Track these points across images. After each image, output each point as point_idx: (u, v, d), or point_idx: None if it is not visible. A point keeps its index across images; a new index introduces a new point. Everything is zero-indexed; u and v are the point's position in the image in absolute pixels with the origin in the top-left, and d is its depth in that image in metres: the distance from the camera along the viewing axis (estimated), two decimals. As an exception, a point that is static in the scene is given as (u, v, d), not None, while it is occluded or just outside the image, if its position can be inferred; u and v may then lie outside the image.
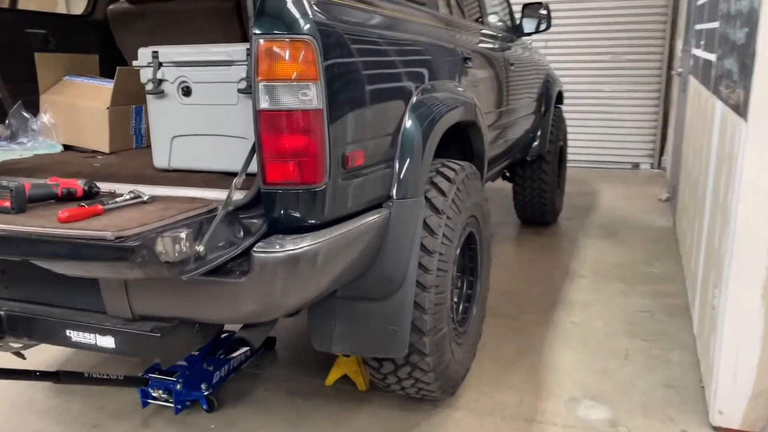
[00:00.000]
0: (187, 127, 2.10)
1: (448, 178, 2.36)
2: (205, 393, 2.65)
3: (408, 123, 2.10)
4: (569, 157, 6.02)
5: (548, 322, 3.49)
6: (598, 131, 7.80)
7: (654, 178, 7.32)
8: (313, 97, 1.59)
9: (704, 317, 2.90)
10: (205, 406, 2.68)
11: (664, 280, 4.09)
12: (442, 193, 2.29)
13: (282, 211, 1.65)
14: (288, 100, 1.57)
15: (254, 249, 1.58)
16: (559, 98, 5.30)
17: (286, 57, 1.56)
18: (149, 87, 2.11)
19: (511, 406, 2.69)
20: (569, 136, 5.94)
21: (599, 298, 3.82)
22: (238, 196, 1.67)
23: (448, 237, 2.26)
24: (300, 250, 1.59)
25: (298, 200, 1.65)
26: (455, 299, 2.70)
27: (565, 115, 5.59)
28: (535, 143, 4.74)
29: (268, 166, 1.61)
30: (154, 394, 2.66)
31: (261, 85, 1.57)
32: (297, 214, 1.66)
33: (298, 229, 1.68)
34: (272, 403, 2.76)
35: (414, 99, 2.18)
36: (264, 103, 1.58)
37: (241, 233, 1.62)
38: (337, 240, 1.72)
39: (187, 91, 2.09)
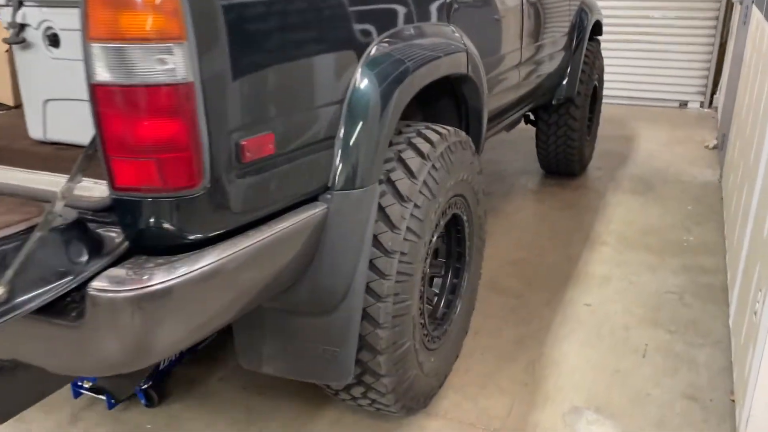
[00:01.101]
0: (60, 88, 1.61)
1: (421, 153, 1.85)
2: (143, 386, 2.31)
3: (358, 87, 1.59)
4: (606, 93, 5.31)
5: (558, 303, 3.02)
6: (642, 63, 6.95)
7: (703, 119, 6.54)
8: (177, 64, 1.09)
9: (744, 315, 2.39)
10: (143, 401, 2.34)
11: (701, 251, 3.54)
12: (411, 174, 1.79)
13: (145, 225, 1.20)
14: (138, 70, 1.08)
15: (91, 285, 1.13)
16: (597, 29, 4.59)
17: (132, 3, 1.06)
18: (10, 34, 1.62)
19: (498, 416, 2.28)
20: (607, 69, 5.22)
21: (621, 273, 3.31)
22: (88, 200, 1.21)
23: (415, 231, 1.78)
24: (160, 286, 1.14)
25: (164, 211, 1.19)
26: (433, 295, 2.25)
27: (606, 44, 4.86)
28: (563, 84, 4.10)
29: (115, 166, 1.15)
30: (86, 385, 2.33)
31: (95, 47, 1.08)
32: (168, 229, 1.20)
33: (176, 247, 1.23)
34: (223, 399, 2.41)
35: (371, 52, 1.65)
36: (100, 75, 1.09)
37: (84, 256, 1.18)
38: (235, 259, 1.27)
39: (54, 41, 1.58)
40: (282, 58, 1.33)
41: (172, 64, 1.09)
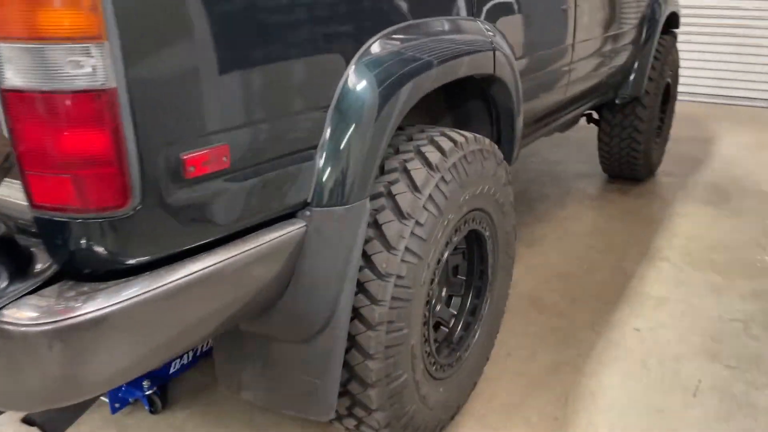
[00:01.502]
0: None
1: (429, 164, 1.65)
2: (147, 392, 2.23)
3: (349, 89, 1.40)
4: (685, 89, 4.86)
5: (603, 325, 2.74)
6: (729, 58, 6.37)
7: (796, 120, 5.94)
8: (97, 67, 0.95)
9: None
10: (147, 407, 2.26)
11: (777, 274, 3.15)
12: (415, 187, 1.60)
13: (72, 248, 1.06)
14: (52, 74, 0.94)
15: (3, 313, 1.01)
16: (673, 22, 4.19)
17: (43, -2, 0.92)
18: None
19: (518, 454, 2.06)
20: (689, 64, 4.77)
21: (680, 294, 2.98)
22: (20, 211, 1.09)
23: (416, 252, 1.58)
24: (74, 319, 1.00)
25: (90, 233, 1.05)
26: (450, 316, 2.05)
27: (688, 37, 4.43)
28: (629, 82, 3.76)
29: (32, 181, 1.02)
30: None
31: (2, 48, 0.95)
32: (98, 252, 1.07)
33: (116, 272, 1.09)
34: (227, 411, 2.30)
35: (370, 48, 1.46)
36: (11, 80, 0.96)
37: (3, 279, 1.05)
38: (175, 287, 1.12)
39: None
40: (240, 57, 1.16)
41: (90, 68, 0.94)
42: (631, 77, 3.76)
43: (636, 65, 3.75)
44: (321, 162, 1.37)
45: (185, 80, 1.07)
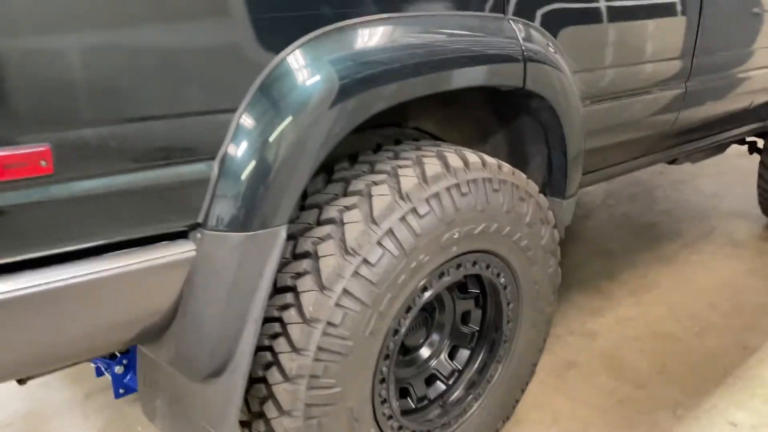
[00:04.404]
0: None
1: (398, 191, 1.33)
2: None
3: (280, 78, 1.14)
4: None
5: (690, 410, 2.18)
6: None
7: None
8: None
9: None
10: (149, 401, 2.20)
11: None
12: (370, 217, 1.30)
13: None
14: None
15: None
16: None
17: None
18: None
19: None
20: None
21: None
22: None
23: (358, 297, 1.28)
24: None
25: None
26: (451, 372, 1.70)
27: None
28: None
29: None
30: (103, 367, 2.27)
31: None
32: None
33: None
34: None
35: (309, 40, 1.19)
36: None
37: None
38: None
39: None
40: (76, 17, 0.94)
41: None
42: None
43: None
44: (218, 176, 1.13)
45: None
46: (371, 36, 1.27)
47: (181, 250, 1.13)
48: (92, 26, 0.97)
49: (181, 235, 1.15)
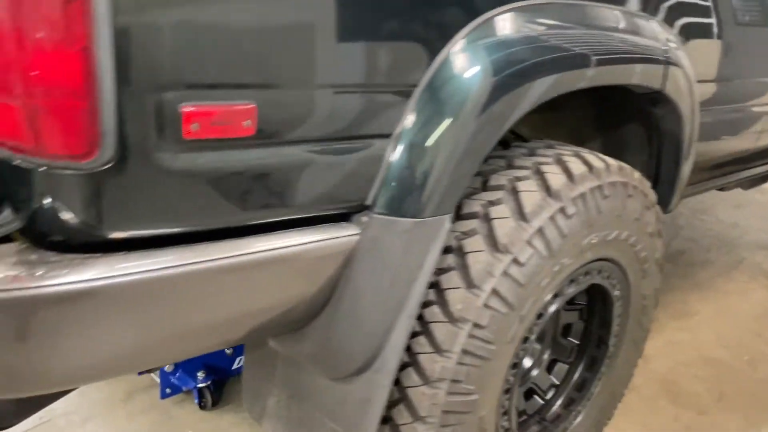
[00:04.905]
0: None
1: (547, 188, 1.26)
2: (200, 384, 2.03)
3: (451, 67, 1.06)
4: None
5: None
6: None
7: None
8: None
9: None
10: (196, 400, 2.07)
11: None
12: (521, 214, 1.21)
13: (32, 203, 0.82)
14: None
15: None
16: None
17: None
18: None
19: None
20: None
21: None
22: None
23: (506, 298, 1.20)
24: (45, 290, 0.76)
25: (49, 185, 0.80)
26: (549, 386, 1.62)
27: None
28: None
29: None
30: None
31: None
32: (53, 214, 0.81)
33: (87, 245, 0.84)
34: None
35: (488, 21, 1.11)
36: None
37: None
38: (145, 280, 0.84)
39: None
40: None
41: None
42: None
43: None
44: (393, 156, 1.04)
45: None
46: (543, 19, 1.21)
47: (346, 233, 1.04)
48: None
49: (343, 218, 1.06)
